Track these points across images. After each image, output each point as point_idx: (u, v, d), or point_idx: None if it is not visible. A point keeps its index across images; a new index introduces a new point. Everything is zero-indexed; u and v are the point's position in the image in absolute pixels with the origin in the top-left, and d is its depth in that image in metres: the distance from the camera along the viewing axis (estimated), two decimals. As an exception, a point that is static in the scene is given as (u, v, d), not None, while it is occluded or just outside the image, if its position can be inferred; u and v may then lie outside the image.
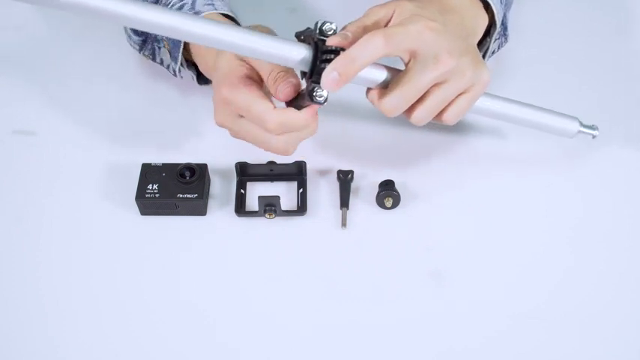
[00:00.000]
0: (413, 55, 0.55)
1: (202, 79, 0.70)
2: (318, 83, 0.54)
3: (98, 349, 0.56)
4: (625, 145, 0.70)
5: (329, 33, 0.55)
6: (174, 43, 0.66)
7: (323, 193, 0.66)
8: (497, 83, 0.64)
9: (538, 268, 0.61)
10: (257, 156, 0.65)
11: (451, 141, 0.69)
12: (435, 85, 0.56)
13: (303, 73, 0.56)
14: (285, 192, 0.65)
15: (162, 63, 0.71)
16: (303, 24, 0.78)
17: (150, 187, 0.63)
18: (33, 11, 0.82)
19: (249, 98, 0.57)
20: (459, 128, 0.69)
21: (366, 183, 0.66)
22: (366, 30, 0.56)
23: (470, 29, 0.62)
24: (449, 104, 0.58)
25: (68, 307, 0.59)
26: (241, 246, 0.62)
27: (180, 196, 0.63)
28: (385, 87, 0.57)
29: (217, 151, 0.67)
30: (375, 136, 0.69)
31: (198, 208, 0.63)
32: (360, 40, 0.54)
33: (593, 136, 0.66)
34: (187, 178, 0.63)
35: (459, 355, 0.56)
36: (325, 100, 0.55)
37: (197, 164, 0.64)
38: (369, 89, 0.58)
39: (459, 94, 0.57)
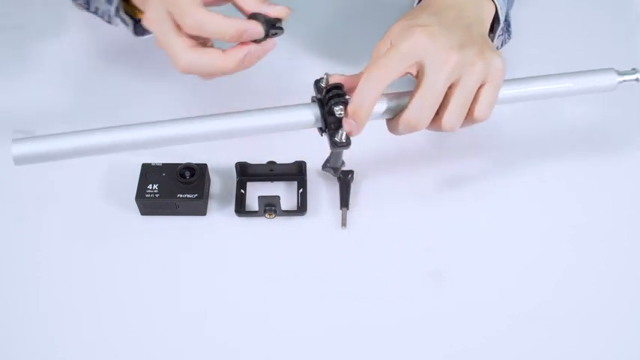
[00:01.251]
0: (419, 66, 0.56)
1: (139, 30, 0.69)
2: (335, 130, 0.57)
3: (98, 349, 0.56)
4: (624, 145, 0.70)
5: (323, 84, 0.58)
6: None
7: (323, 193, 0.66)
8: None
9: (538, 267, 0.61)
10: (257, 156, 0.65)
11: (451, 141, 0.69)
12: (451, 86, 0.56)
13: (321, 129, 0.59)
14: (285, 192, 0.65)
15: (96, 12, 0.69)
16: (302, 24, 0.78)
17: (150, 187, 0.63)
18: (33, 11, 0.82)
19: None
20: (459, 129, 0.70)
21: (366, 183, 0.66)
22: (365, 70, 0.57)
23: (472, 18, 0.61)
24: (474, 101, 0.57)
25: (68, 307, 0.59)
26: (241, 246, 0.62)
27: (180, 196, 0.63)
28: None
29: (217, 151, 0.67)
30: (376, 137, 0.68)
31: (198, 208, 0.63)
32: (360, 82, 0.55)
33: (638, 79, 0.62)
34: (187, 178, 0.63)
35: (460, 355, 0.56)
36: (348, 141, 0.57)
37: (197, 164, 0.64)
38: (388, 120, 0.60)
39: (480, 88, 0.57)
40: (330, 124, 0.57)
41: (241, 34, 0.57)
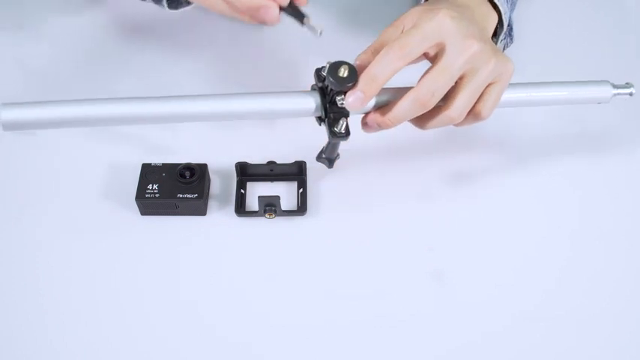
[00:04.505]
0: (439, 47, 0.55)
1: (173, 3, 0.69)
2: (334, 121, 0.56)
3: (98, 349, 0.56)
4: (624, 144, 0.70)
5: (324, 73, 0.57)
6: None
7: (323, 193, 0.66)
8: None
9: (539, 267, 0.61)
10: (257, 156, 0.65)
11: (451, 141, 0.69)
12: (462, 77, 0.56)
13: (320, 118, 0.58)
14: (285, 192, 0.65)
15: None
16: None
17: (150, 187, 0.63)
18: (33, 11, 0.82)
19: None
20: (459, 129, 0.70)
21: (367, 182, 0.66)
22: (375, 52, 0.56)
23: (481, 25, 0.62)
24: (481, 96, 0.57)
25: (68, 306, 0.59)
26: (241, 246, 0.62)
27: (180, 196, 0.63)
28: None
29: (217, 151, 0.67)
30: (376, 138, 0.68)
31: (198, 208, 0.63)
32: (379, 55, 0.55)
33: (631, 94, 0.63)
34: (187, 178, 0.63)
35: (461, 355, 0.56)
36: (347, 132, 0.56)
37: (197, 164, 0.64)
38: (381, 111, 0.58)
39: (489, 85, 0.57)
40: (330, 114, 0.56)
41: (257, 9, 0.57)
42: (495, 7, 0.64)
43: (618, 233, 0.64)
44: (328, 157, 0.60)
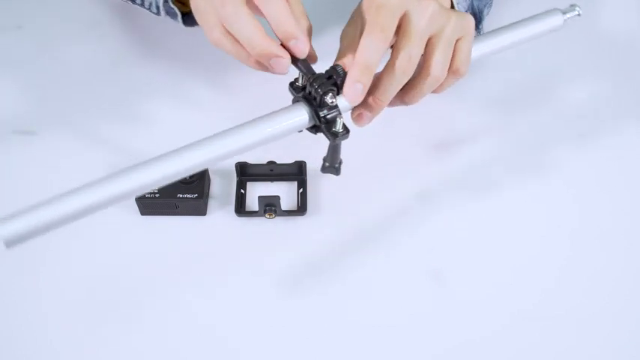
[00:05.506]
0: (404, 17, 0.55)
1: (188, 20, 0.68)
2: (330, 123, 0.54)
3: (97, 349, 0.56)
4: (623, 143, 0.70)
5: (299, 83, 0.56)
6: None
7: (323, 193, 0.66)
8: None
9: (538, 266, 0.61)
10: (257, 156, 0.65)
11: (450, 141, 0.69)
12: (432, 35, 0.56)
13: (314, 127, 0.56)
14: (285, 192, 0.65)
15: (142, 3, 0.69)
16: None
17: (150, 187, 0.63)
18: (33, 11, 0.82)
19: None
20: (457, 127, 0.70)
21: (366, 182, 0.66)
22: (346, 52, 0.56)
23: None
24: (454, 53, 0.58)
25: (68, 306, 0.59)
26: (241, 246, 0.62)
27: (180, 196, 0.63)
28: None
29: (217, 151, 0.67)
30: (376, 138, 0.68)
31: (198, 208, 0.63)
32: (361, 44, 0.54)
33: (579, 14, 0.66)
34: (187, 178, 0.63)
35: (460, 355, 0.56)
36: (347, 129, 0.55)
37: (197, 164, 0.64)
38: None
39: (457, 42, 0.57)
40: (323, 118, 0.54)
41: (269, 57, 0.56)
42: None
43: (617, 232, 0.64)
44: (332, 164, 0.58)
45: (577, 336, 0.57)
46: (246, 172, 0.66)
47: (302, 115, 0.55)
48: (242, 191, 0.65)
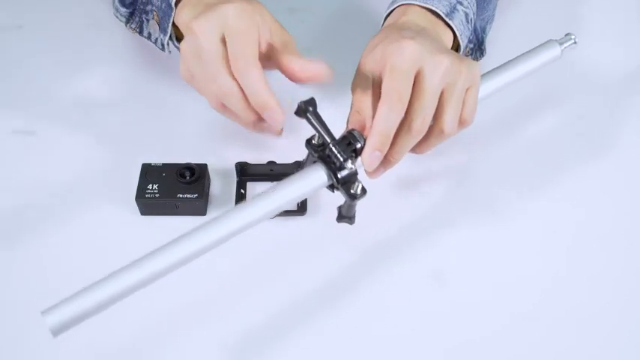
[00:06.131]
0: (418, 75, 0.55)
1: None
2: (350, 183, 0.55)
3: (97, 349, 0.56)
4: (623, 145, 0.70)
5: (315, 141, 0.56)
6: (164, 13, 0.65)
7: (323, 193, 0.65)
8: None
9: (538, 267, 0.61)
10: (257, 156, 0.65)
11: (451, 142, 0.69)
12: (444, 90, 0.56)
13: (332, 186, 0.56)
14: (285, 192, 0.65)
15: (149, 37, 0.69)
16: (302, 24, 0.78)
17: (150, 187, 0.63)
18: (33, 11, 0.82)
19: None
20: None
21: (366, 183, 0.66)
22: (361, 111, 0.57)
23: (440, 40, 0.61)
24: (463, 104, 0.58)
25: (68, 307, 0.59)
26: (241, 246, 0.62)
27: (180, 196, 0.63)
28: None
29: (217, 151, 0.67)
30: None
31: (198, 208, 0.63)
32: (379, 113, 0.54)
33: (575, 42, 0.66)
34: (187, 178, 0.63)
35: (460, 355, 0.56)
36: (364, 190, 0.55)
37: (197, 164, 0.64)
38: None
39: (466, 92, 0.57)
40: (341, 179, 0.55)
41: (263, 108, 0.57)
42: (450, 27, 0.63)
43: (617, 233, 0.64)
44: (347, 215, 0.59)
45: (577, 336, 0.57)
46: (246, 172, 0.66)
47: (321, 176, 0.55)
48: (242, 191, 0.65)
